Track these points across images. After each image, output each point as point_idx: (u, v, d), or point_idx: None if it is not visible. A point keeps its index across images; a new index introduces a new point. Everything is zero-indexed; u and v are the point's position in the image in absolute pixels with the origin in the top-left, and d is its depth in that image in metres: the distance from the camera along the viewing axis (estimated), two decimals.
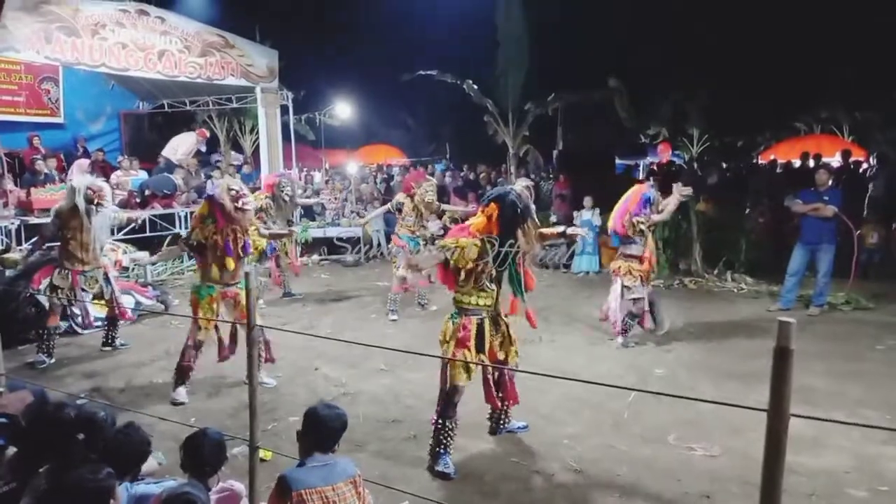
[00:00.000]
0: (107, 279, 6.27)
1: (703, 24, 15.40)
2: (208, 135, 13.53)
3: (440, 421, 3.92)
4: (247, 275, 2.83)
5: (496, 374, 4.15)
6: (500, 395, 4.21)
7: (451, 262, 3.84)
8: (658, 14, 17.78)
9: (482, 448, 4.24)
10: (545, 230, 4.51)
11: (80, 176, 6.72)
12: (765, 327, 6.99)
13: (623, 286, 6.30)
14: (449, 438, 3.91)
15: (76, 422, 3.03)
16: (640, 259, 6.29)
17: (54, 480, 2.59)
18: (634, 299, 6.32)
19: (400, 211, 7.65)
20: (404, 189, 7.82)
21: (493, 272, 3.95)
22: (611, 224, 6.47)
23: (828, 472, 3.81)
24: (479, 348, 3.96)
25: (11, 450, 3.42)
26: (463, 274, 3.88)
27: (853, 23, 15.96)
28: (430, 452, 3.94)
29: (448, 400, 3.92)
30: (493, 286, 4.00)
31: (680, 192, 6.39)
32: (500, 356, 4.09)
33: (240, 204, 4.96)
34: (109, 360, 6.16)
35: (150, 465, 3.27)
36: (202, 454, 2.69)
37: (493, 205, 3.93)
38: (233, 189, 5.00)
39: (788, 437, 1.66)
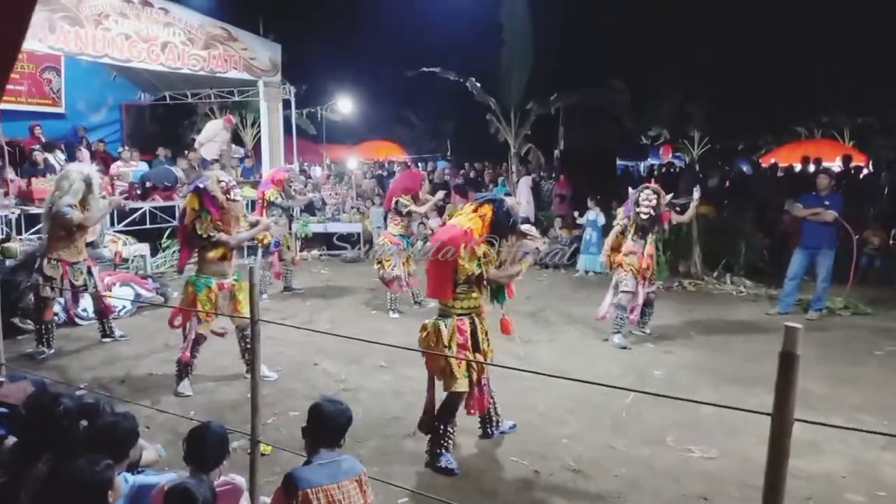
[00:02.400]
0: (90, 272, 6.28)
1: (706, 27, 15.42)
2: (234, 121, 13.45)
3: (440, 426, 3.91)
4: (251, 269, 2.83)
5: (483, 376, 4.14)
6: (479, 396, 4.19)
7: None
8: (661, 17, 17.78)
9: (481, 446, 4.25)
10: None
11: (79, 165, 6.66)
12: (763, 331, 7.03)
13: (617, 279, 6.53)
14: (449, 441, 3.93)
15: (76, 412, 3.04)
16: (637, 256, 6.47)
17: (54, 471, 2.60)
18: (624, 292, 6.45)
19: (401, 213, 7.61)
20: (408, 191, 7.73)
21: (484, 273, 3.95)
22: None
23: (826, 476, 3.83)
24: (475, 349, 3.97)
25: (11, 439, 3.43)
26: (467, 282, 3.85)
27: (855, 27, 15.97)
28: (429, 454, 3.95)
29: (451, 408, 3.91)
30: (484, 286, 4.00)
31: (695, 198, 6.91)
32: (489, 354, 4.09)
33: (231, 195, 5.04)
34: (109, 352, 6.15)
35: (149, 456, 3.28)
36: (205, 448, 2.69)
37: (487, 206, 3.96)
38: (222, 181, 5.05)
39: None
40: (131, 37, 9.93)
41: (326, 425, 2.62)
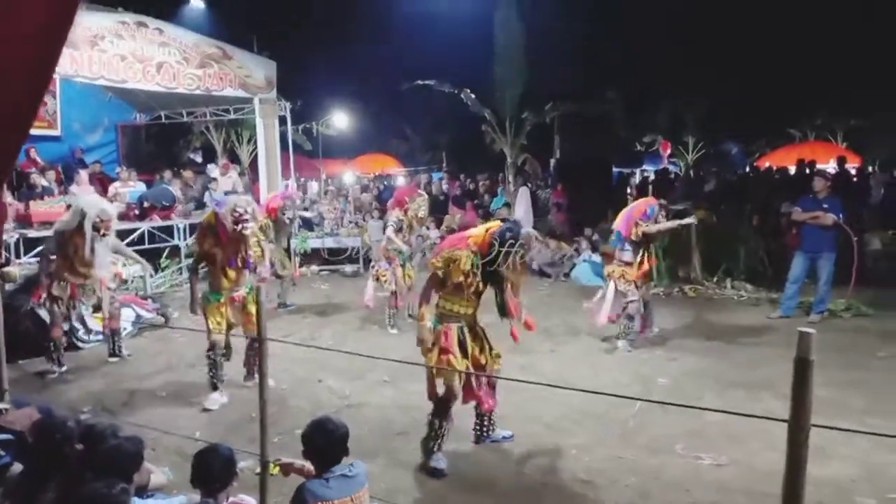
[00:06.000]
0: (103, 292, 6.30)
1: (698, 34, 15.56)
2: (230, 165, 13.70)
3: (435, 421, 4.01)
4: (257, 289, 2.83)
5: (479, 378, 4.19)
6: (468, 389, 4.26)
7: (442, 275, 3.97)
8: (654, 25, 17.93)
9: (490, 458, 4.23)
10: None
11: (91, 199, 6.62)
12: (766, 335, 7.04)
13: (617, 290, 6.54)
14: (442, 439, 4.01)
15: (81, 438, 3.02)
16: (632, 265, 6.53)
17: (65, 496, 2.58)
18: (629, 301, 6.51)
19: (400, 229, 7.58)
20: (397, 204, 7.75)
21: (479, 286, 4.04)
22: (615, 224, 6.74)
23: (834, 481, 3.81)
24: (463, 354, 4.04)
25: (17, 466, 3.41)
26: (451, 285, 3.97)
27: (846, 30, 16.12)
28: (423, 449, 4.03)
29: (444, 403, 4.01)
30: (475, 297, 4.11)
31: (680, 223, 6.85)
32: (482, 360, 4.16)
33: (239, 227, 5.11)
34: (112, 374, 6.12)
35: (158, 479, 3.26)
36: (212, 470, 2.68)
37: (497, 223, 4.11)
38: (237, 211, 5.13)
39: None
40: (126, 57, 9.94)
41: (321, 450, 2.66)
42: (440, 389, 4.05)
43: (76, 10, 1.41)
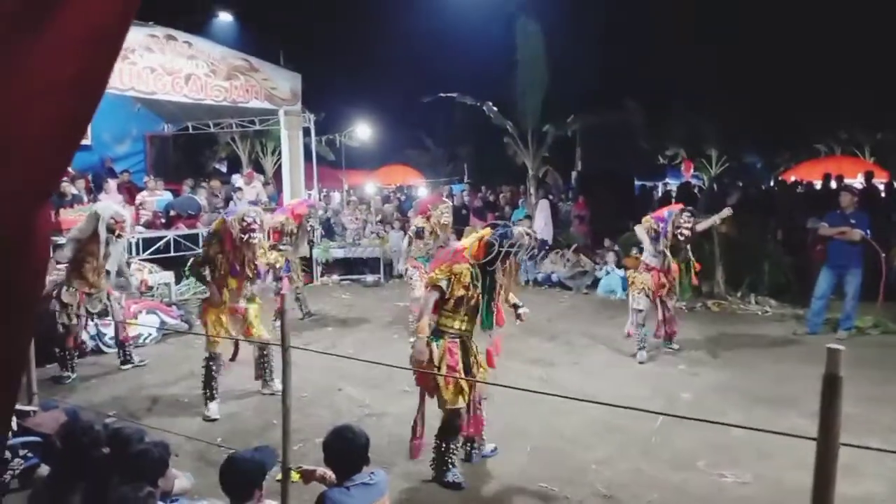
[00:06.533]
0: (109, 301, 6.45)
1: (720, 46, 15.46)
2: (254, 174, 13.85)
3: (443, 445, 4.01)
4: (282, 297, 2.87)
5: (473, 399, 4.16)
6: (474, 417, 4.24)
7: (445, 287, 3.91)
8: (674, 34, 17.85)
9: (509, 472, 4.21)
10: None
11: (105, 203, 6.84)
12: (792, 351, 6.93)
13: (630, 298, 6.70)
14: (453, 457, 4.02)
15: (108, 442, 3.07)
16: (652, 272, 6.60)
17: (92, 499, 2.62)
18: (636, 310, 6.60)
19: (420, 236, 7.65)
20: (420, 212, 7.84)
21: (479, 298, 4.01)
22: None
23: (864, 499, 3.74)
24: (467, 371, 4.03)
25: (44, 468, 3.48)
26: (452, 301, 3.94)
27: (875, 43, 15.89)
28: (435, 470, 4.03)
29: (451, 426, 4.00)
30: (474, 312, 4.06)
31: (720, 215, 6.95)
32: (478, 376, 4.13)
33: (245, 237, 5.11)
34: (136, 380, 6.21)
35: (182, 484, 3.29)
36: (239, 478, 2.71)
37: (487, 229, 4.10)
38: (245, 220, 5.13)
39: None
40: (156, 70, 10.13)
41: (342, 458, 2.67)
42: (449, 405, 3.97)
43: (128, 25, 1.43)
